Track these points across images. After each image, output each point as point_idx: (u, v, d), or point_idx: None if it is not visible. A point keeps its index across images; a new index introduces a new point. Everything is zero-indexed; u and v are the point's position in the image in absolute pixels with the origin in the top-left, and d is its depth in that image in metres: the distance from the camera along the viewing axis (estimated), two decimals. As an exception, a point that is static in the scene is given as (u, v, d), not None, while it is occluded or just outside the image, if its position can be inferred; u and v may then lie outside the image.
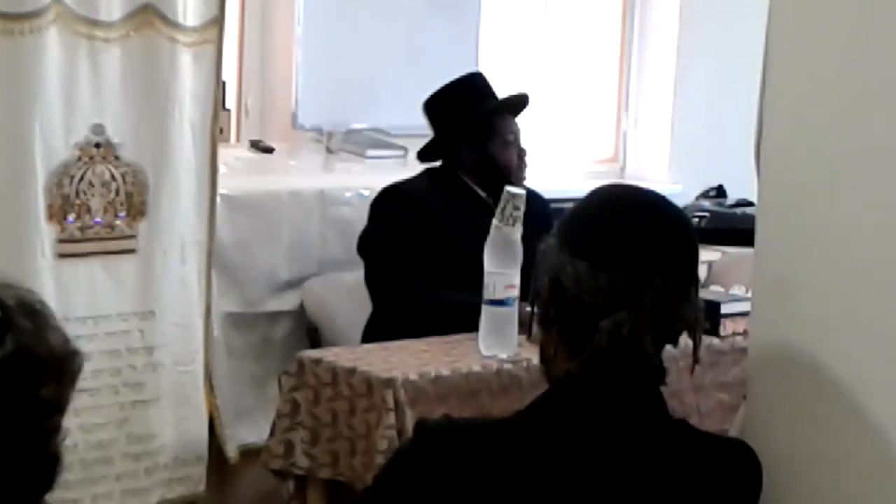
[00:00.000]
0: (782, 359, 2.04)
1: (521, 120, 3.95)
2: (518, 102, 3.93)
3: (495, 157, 3.81)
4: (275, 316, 4.09)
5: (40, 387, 1.42)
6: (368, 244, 3.78)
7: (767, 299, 2.10)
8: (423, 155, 3.93)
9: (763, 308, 2.12)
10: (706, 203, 5.24)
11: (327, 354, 3.30)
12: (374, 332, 3.69)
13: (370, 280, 3.76)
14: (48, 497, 1.49)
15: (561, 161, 5.24)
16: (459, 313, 3.27)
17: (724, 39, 5.26)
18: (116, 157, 3.47)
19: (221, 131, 3.90)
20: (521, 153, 3.86)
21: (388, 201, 3.79)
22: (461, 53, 4.67)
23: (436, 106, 3.86)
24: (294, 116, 4.49)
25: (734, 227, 4.71)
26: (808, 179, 2.02)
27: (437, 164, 3.91)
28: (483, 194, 3.78)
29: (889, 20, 1.92)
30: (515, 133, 3.86)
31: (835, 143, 1.98)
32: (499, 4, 5.06)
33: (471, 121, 3.80)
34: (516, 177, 3.77)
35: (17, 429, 1.40)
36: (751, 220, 2.22)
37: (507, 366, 3.15)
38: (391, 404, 3.01)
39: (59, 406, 1.45)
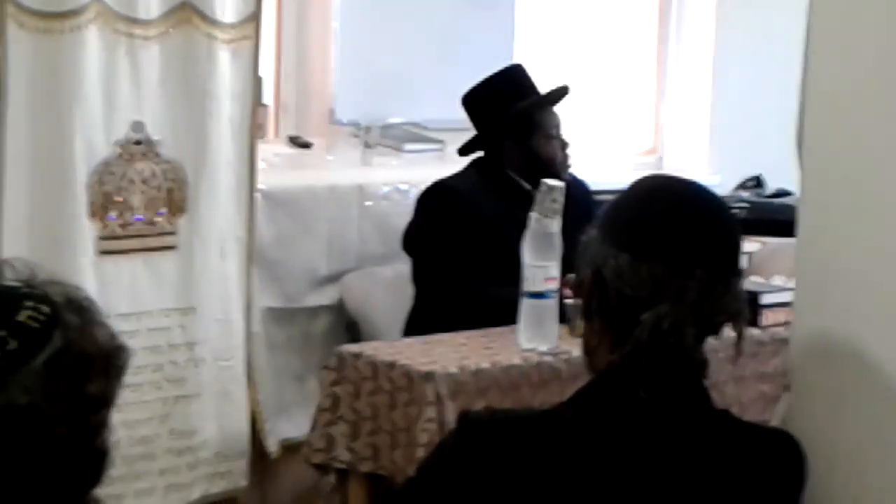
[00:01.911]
0: (825, 348, 2.03)
1: (559, 113, 3.94)
2: (559, 95, 3.92)
3: (539, 151, 3.80)
4: (314, 311, 4.11)
5: (88, 382, 1.43)
6: (416, 242, 3.78)
7: (810, 289, 2.09)
8: (464, 150, 3.92)
9: (805, 297, 2.11)
10: (745, 194, 5.22)
11: (367, 349, 3.30)
12: (416, 325, 3.69)
13: (418, 278, 3.76)
14: (95, 491, 1.50)
15: (599, 153, 5.23)
16: (510, 309, 3.25)
17: (762, 29, 5.23)
18: (156, 154, 3.49)
19: (259, 127, 3.91)
20: (564, 146, 3.85)
21: (435, 198, 3.79)
22: (497, 46, 4.66)
23: (477, 101, 3.85)
24: (331, 111, 4.50)
25: (774, 218, 4.69)
26: (851, 168, 2.00)
27: (481, 154, 3.89)
28: (528, 188, 3.74)
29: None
30: (557, 126, 3.85)
31: (878, 131, 1.97)
32: (534, -4, 5.06)
33: (512, 115, 3.79)
34: (561, 170, 3.76)
35: (66, 424, 1.42)
36: (790, 210, 2.22)
37: (547, 358, 3.15)
38: (431, 398, 3.01)
39: (106, 401, 1.46)
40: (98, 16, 3.31)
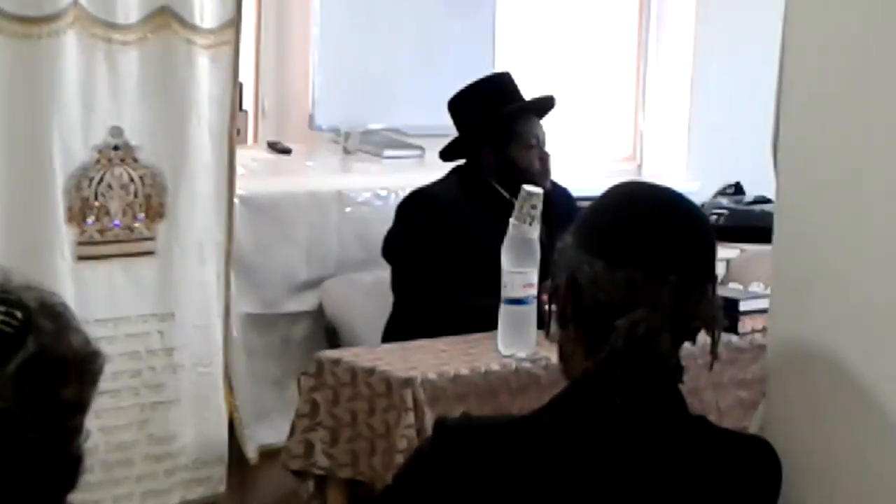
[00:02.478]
0: (802, 355, 2.04)
1: (544, 124, 3.92)
2: (542, 105, 3.90)
3: (516, 160, 3.77)
4: (293, 317, 4.10)
5: (62, 387, 1.43)
6: (396, 249, 3.76)
7: (786, 296, 2.10)
8: (445, 154, 3.91)
9: (782, 304, 2.11)
10: (724, 201, 5.24)
11: (346, 355, 3.30)
12: (396, 332, 3.69)
13: (398, 286, 3.75)
14: (71, 497, 1.49)
15: (578, 160, 5.24)
16: (489, 318, 3.25)
17: (740, 37, 5.25)
18: (135, 160, 3.48)
19: (238, 133, 3.91)
20: (544, 156, 3.80)
21: (416, 206, 3.77)
22: (477, 53, 4.67)
23: (459, 105, 3.83)
24: (311, 117, 4.50)
25: (752, 225, 4.72)
26: (827, 175, 2.01)
27: (463, 162, 3.88)
28: (508, 196, 3.67)
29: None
30: (538, 136, 3.82)
31: (853, 139, 1.98)
32: (515, 3, 5.06)
33: (492, 122, 3.77)
34: (539, 180, 3.71)
35: (40, 429, 1.41)
36: (769, 217, 2.22)
37: (526, 365, 3.15)
38: (410, 404, 3.01)
39: (80, 406, 1.46)
40: (76, 21, 3.30)
